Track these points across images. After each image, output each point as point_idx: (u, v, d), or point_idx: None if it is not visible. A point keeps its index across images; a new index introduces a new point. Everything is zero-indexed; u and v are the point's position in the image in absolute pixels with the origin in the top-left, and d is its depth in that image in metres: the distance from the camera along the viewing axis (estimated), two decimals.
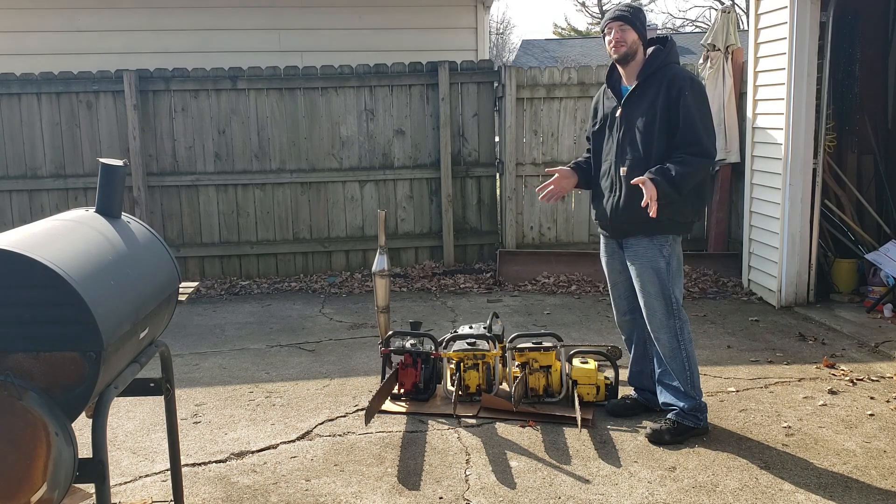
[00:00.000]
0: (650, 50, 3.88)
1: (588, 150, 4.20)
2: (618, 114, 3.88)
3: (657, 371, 3.99)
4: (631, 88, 3.84)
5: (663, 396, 3.95)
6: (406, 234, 8.00)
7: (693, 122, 3.68)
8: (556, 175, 4.06)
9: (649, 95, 3.77)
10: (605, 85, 4.05)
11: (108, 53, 8.24)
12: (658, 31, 32.12)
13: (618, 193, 3.85)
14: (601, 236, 4.13)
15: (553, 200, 4.10)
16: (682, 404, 3.83)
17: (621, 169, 3.82)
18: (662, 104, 3.73)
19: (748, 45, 6.86)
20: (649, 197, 3.54)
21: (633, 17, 3.79)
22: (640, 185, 3.60)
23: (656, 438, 3.79)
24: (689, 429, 3.81)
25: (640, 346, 4.14)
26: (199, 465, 3.69)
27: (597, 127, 4.06)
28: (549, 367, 4.27)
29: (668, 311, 3.82)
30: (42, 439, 2.05)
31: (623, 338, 4.24)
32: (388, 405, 4.32)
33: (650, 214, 3.56)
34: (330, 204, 7.89)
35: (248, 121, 7.73)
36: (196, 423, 4.22)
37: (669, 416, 3.86)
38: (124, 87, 7.46)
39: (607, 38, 3.86)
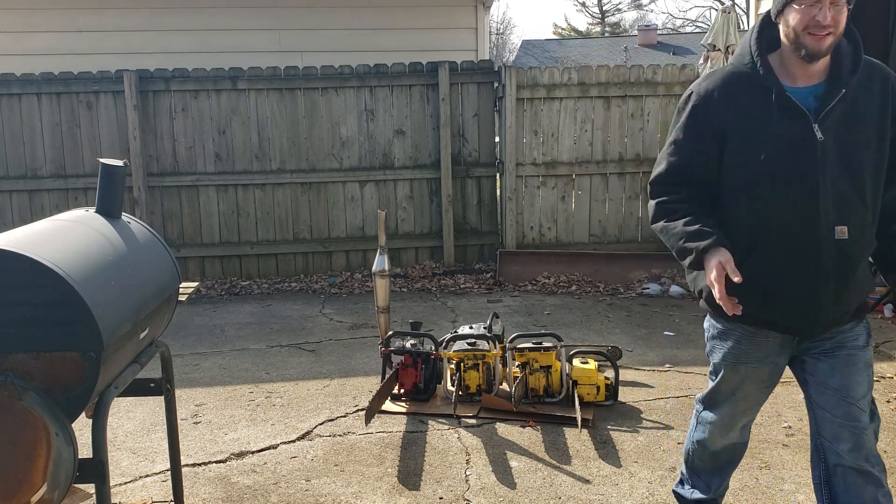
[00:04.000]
0: None
1: (676, 191, 2.48)
2: (818, 136, 2.30)
3: None
4: (838, 96, 2.31)
5: None
6: (406, 234, 8.00)
7: None
8: (718, 272, 2.26)
9: (863, 106, 2.35)
10: (731, 78, 2.40)
11: (109, 53, 8.25)
12: (658, 31, 32.14)
13: (836, 270, 2.36)
14: (750, 329, 2.53)
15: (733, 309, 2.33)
16: None
17: (837, 229, 2.32)
18: (880, 119, 2.36)
19: None
20: None
21: None
22: None
23: None
24: None
25: (731, 471, 2.90)
26: (199, 465, 3.69)
27: (747, 153, 2.36)
28: (550, 367, 4.27)
29: (873, 417, 2.64)
30: (42, 439, 2.05)
31: (712, 471, 2.83)
32: (388, 405, 4.32)
33: None
34: (330, 204, 7.89)
35: (248, 121, 7.73)
36: (196, 423, 4.22)
37: None
38: (124, 87, 7.46)
39: (802, 17, 2.23)
